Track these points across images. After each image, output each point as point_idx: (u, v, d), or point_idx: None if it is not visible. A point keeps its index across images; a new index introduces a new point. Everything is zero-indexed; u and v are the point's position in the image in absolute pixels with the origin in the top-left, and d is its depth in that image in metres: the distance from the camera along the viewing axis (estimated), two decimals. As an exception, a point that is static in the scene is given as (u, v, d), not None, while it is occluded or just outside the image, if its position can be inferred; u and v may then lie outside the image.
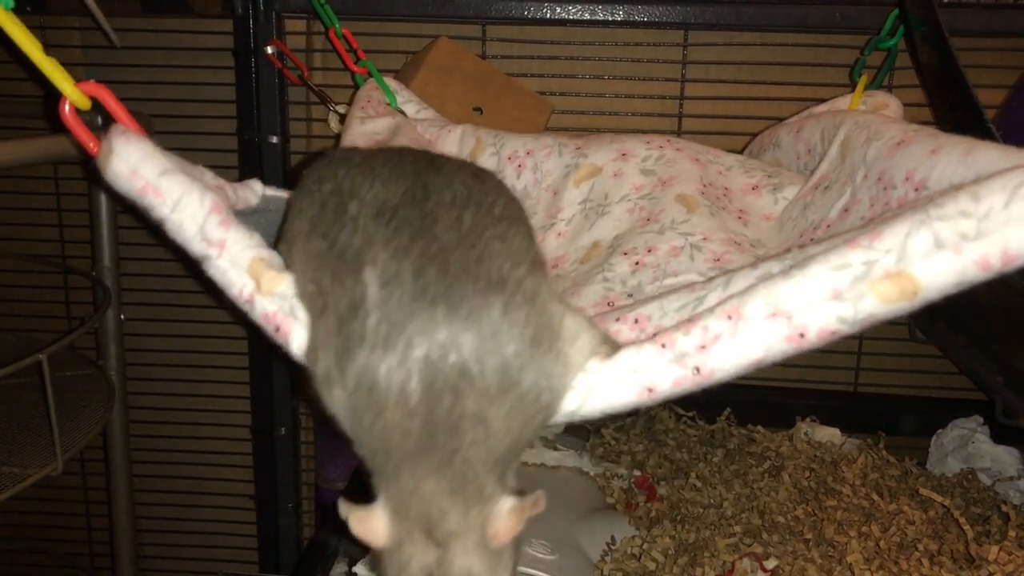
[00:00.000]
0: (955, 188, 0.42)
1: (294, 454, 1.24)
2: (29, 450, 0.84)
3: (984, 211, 0.40)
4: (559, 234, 0.82)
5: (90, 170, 0.55)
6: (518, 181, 0.88)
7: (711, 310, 0.46)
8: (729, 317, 0.45)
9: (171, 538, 1.33)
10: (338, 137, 1.07)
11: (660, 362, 0.45)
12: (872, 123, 0.71)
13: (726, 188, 0.83)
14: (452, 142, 0.92)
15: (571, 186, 0.84)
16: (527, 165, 0.89)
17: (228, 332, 1.25)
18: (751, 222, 0.79)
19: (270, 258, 0.51)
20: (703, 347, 0.45)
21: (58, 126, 0.54)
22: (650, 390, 0.46)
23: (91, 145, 0.53)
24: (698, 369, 0.45)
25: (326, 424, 1.08)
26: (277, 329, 0.49)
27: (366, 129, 0.87)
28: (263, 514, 1.25)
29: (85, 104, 0.53)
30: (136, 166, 0.51)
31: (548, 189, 0.86)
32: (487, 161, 0.90)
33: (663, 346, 0.46)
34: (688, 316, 0.49)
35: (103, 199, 1.00)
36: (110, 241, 1.02)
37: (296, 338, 0.49)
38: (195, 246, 0.51)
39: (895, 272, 0.42)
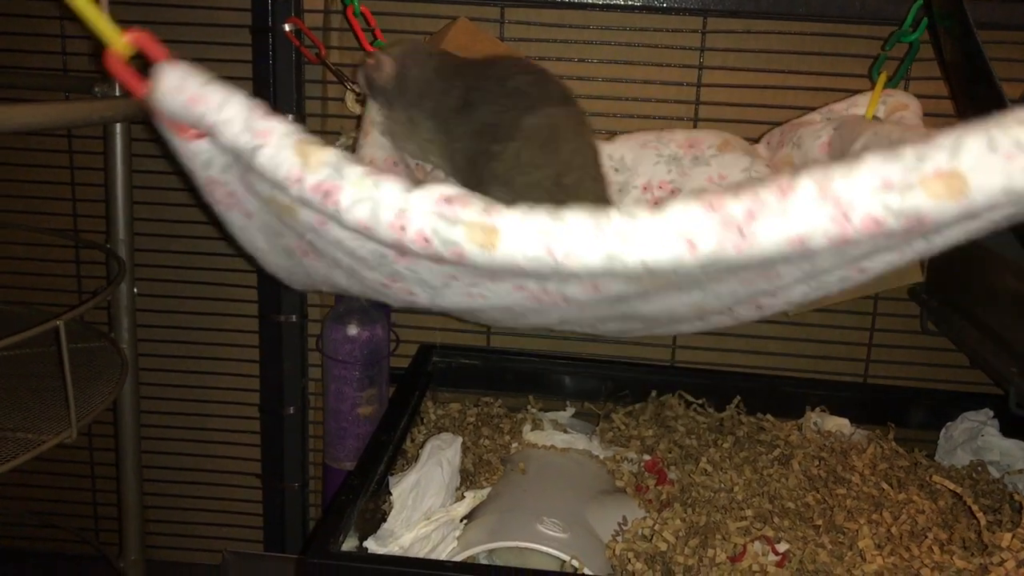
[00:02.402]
0: None
1: (302, 433, 1.24)
2: (43, 418, 0.84)
3: None
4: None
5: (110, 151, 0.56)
6: None
7: (763, 182, 0.47)
8: (781, 191, 0.46)
9: (177, 515, 1.34)
10: (354, 117, 1.07)
11: (706, 220, 0.47)
12: (893, 132, 0.72)
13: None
14: None
15: None
16: None
17: (240, 310, 1.25)
18: None
19: (313, 139, 0.54)
20: (751, 213, 0.46)
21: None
22: (692, 244, 0.47)
23: (140, 88, 0.56)
24: (742, 232, 0.46)
25: (336, 403, 1.08)
26: (326, 194, 0.52)
27: (386, 144, 0.90)
28: (269, 492, 1.25)
29: (129, 51, 0.56)
30: (181, 82, 0.54)
31: None
32: None
33: (711, 206, 0.47)
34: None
35: (119, 171, 0.99)
36: (125, 213, 1.01)
37: (345, 195, 0.51)
38: (243, 140, 0.54)
39: (946, 170, 0.43)
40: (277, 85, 1.13)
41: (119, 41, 0.56)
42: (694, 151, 0.93)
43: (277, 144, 0.52)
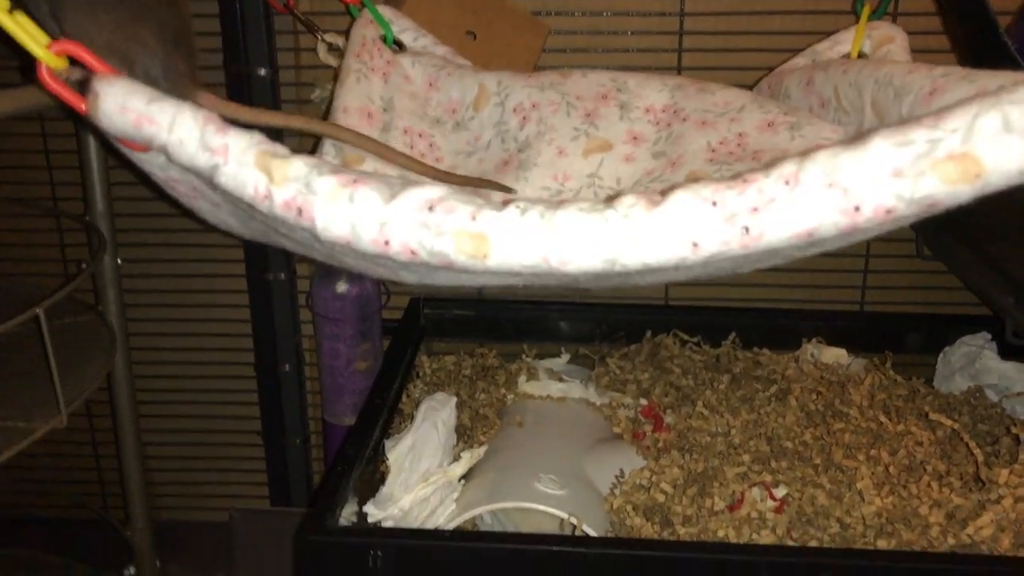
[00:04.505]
0: None
1: (299, 390, 1.24)
2: (34, 403, 0.83)
3: None
4: None
5: (82, 125, 0.54)
6: (521, 132, 0.86)
7: (767, 172, 0.45)
8: (786, 182, 0.44)
9: (183, 476, 1.35)
10: (327, 67, 1.04)
11: (710, 218, 0.45)
12: (894, 76, 0.68)
13: (740, 134, 0.80)
14: (453, 87, 0.89)
15: (580, 154, 0.81)
16: (532, 118, 0.86)
17: (228, 270, 1.23)
18: (765, 158, 0.77)
19: (274, 148, 0.51)
20: (756, 209, 0.44)
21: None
22: (695, 245, 0.45)
23: (80, 104, 0.52)
24: (747, 230, 0.44)
25: (331, 360, 1.07)
26: (299, 212, 0.49)
27: (362, 90, 0.85)
28: (271, 450, 1.26)
29: (61, 64, 0.51)
30: (124, 101, 0.51)
31: (552, 144, 0.83)
32: (491, 111, 0.87)
33: (714, 204, 0.45)
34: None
35: (92, 143, 0.97)
36: (102, 186, 0.99)
37: (320, 212, 0.48)
38: (201, 160, 0.51)
39: (959, 153, 0.41)
40: (247, 39, 1.09)
41: (45, 54, 0.51)
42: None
43: (237, 161, 0.49)
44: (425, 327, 1.13)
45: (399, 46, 0.94)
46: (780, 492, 0.81)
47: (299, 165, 0.49)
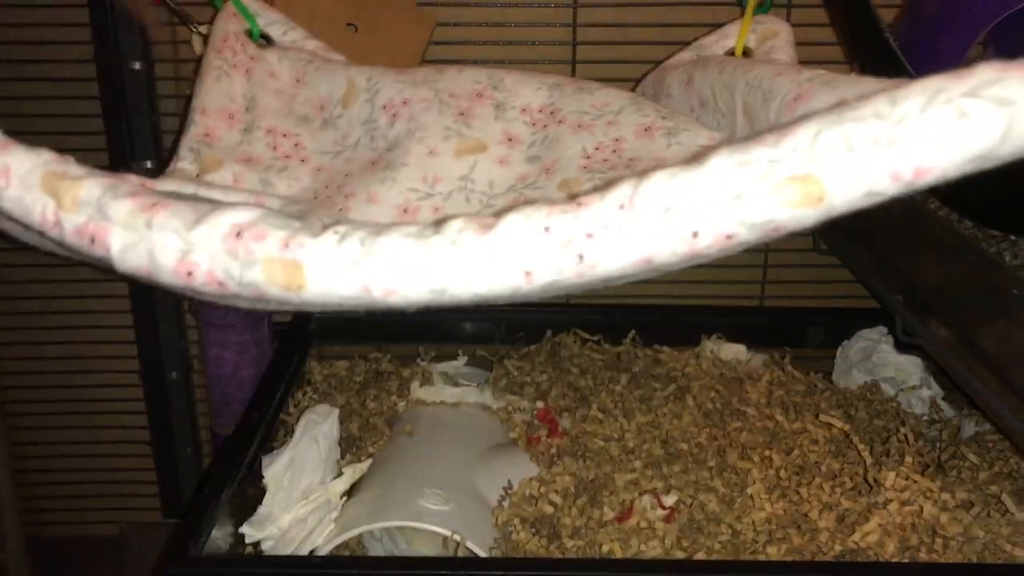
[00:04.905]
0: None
1: (187, 398, 1.18)
2: None
3: (899, 116, 0.36)
4: (436, 209, 0.76)
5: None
6: (390, 130, 0.81)
7: (602, 195, 0.42)
8: (621, 207, 0.41)
9: (70, 489, 1.28)
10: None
11: (542, 245, 0.42)
12: (763, 79, 0.66)
13: (616, 139, 0.77)
14: (321, 83, 0.84)
15: (451, 155, 0.77)
16: (402, 115, 0.82)
17: (109, 274, 1.17)
18: (641, 166, 0.74)
19: (64, 168, 0.46)
20: (590, 235, 0.41)
21: None
22: (528, 274, 0.42)
23: None
24: (582, 258, 0.41)
25: (217, 368, 1.02)
26: (92, 240, 0.44)
27: (222, 89, 0.81)
28: (161, 460, 1.21)
29: None
30: None
31: (422, 143, 0.79)
32: (360, 108, 0.83)
33: (547, 229, 0.42)
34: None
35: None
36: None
37: (115, 239, 0.44)
38: None
39: (800, 175, 0.38)
40: (118, 31, 1.03)
41: None
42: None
43: (21, 183, 0.45)
44: (315, 331, 1.08)
45: (266, 40, 0.89)
46: (671, 499, 0.79)
47: (91, 187, 0.44)
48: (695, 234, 0.39)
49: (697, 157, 0.41)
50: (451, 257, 0.41)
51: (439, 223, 0.43)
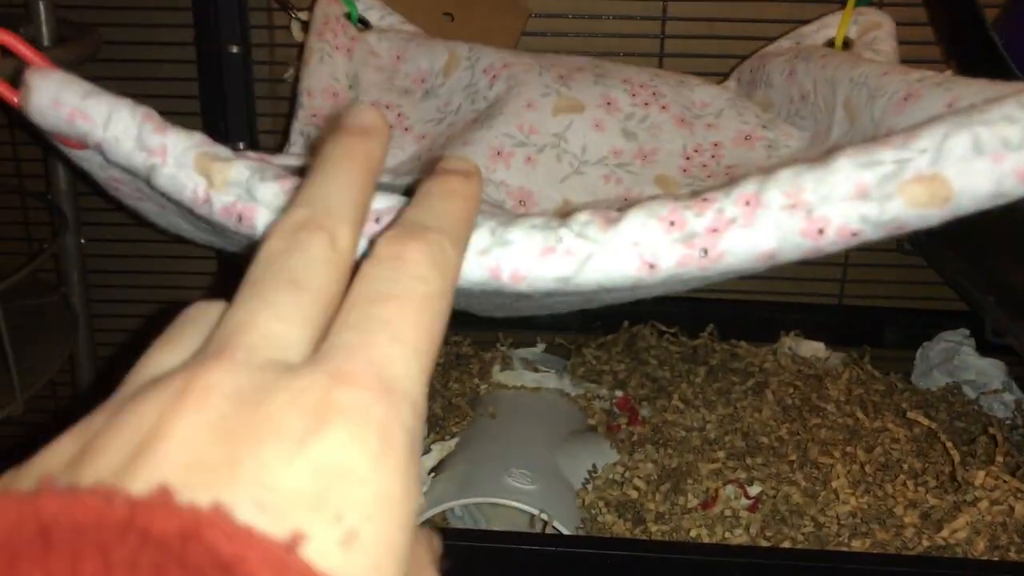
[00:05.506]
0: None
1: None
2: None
3: None
4: (528, 159, 0.77)
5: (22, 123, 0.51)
6: (490, 91, 0.83)
7: (727, 193, 0.43)
8: (747, 203, 0.42)
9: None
10: (301, 47, 1.01)
11: (666, 240, 0.43)
12: (869, 76, 0.66)
13: (715, 143, 0.77)
14: (421, 57, 0.86)
15: (549, 111, 0.79)
16: (501, 76, 0.83)
17: (194, 252, 1.20)
18: (739, 175, 0.75)
19: (215, 151, 0.48)
20: (715, 230, 0.42)
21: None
22: (652, 266, 0.43)
23: (12, 98, 0.49)
24: (706, 251, 0.42)
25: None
26: (240, 218, 0.46)
27: (325, 70, 0.83)
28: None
29: None
30: (57, 95, 0.47)
31: (521, 97, 0.80)
32: (461, 75, 0.85)
33: (672, 224, 0.43)
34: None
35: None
36: (64, 163, 0.96)
37: (261, 219, 0.46)
38: (137, 159, 0.48)
39: (928, 175, 0.39)
40: (219, 16, 1.06)
41: None
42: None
43: (176, 163, 0.47)
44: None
45: (364, 24, 0.91)
46: (754, 490, 0.80)
47: (240, 169, 0.46)
48: (820, 231, 0.40)
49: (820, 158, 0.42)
50: (576, 247, 0.43)
51: (565, 215, 0.44)
